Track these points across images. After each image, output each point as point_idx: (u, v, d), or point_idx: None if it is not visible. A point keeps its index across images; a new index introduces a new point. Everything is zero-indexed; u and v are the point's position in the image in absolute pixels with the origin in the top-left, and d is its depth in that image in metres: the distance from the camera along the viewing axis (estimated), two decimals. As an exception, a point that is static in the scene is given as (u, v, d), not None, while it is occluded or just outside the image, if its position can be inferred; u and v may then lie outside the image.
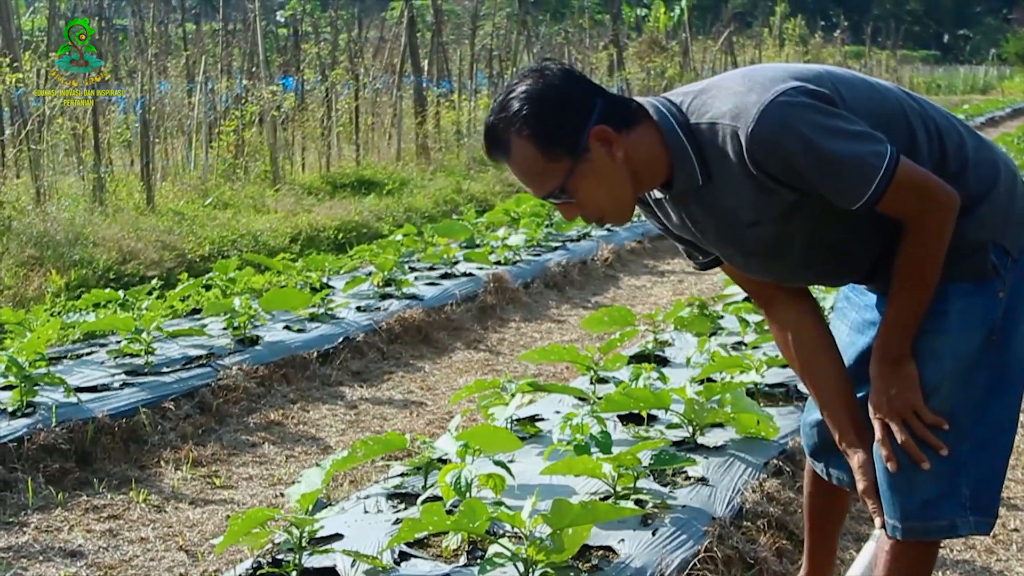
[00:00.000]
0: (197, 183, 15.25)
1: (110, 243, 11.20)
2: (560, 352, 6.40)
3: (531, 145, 2.96)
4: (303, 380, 7.61)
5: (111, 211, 12.57)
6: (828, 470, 3.76)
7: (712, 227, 3.18)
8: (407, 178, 17.71)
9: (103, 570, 4.86)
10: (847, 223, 3.09)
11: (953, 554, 4.87)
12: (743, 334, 7.40)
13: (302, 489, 4.17)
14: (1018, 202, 3.22)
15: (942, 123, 3.17)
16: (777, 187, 2.95)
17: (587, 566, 4.06)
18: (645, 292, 11.41)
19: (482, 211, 15.31)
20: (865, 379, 3.31)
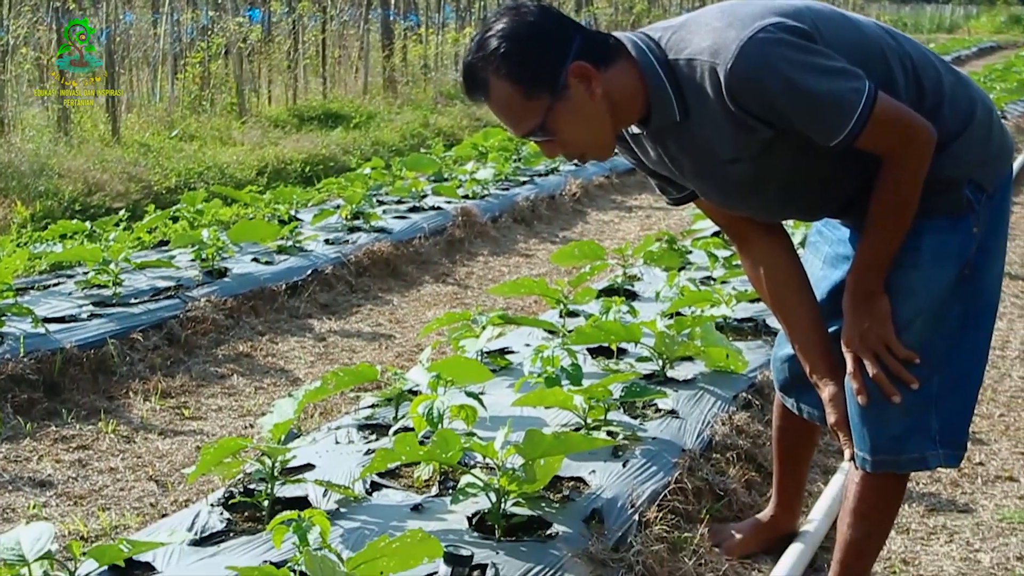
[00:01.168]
0: (163, 115, 15.13)
1: (75, 174, 11.11)
2: (530, 285, 6.41)
3: (510, 84, 2.93)
4: (271, 312, 7.59)
5: (76, 142, 12.47)
6: (799, 404, 3.79)
7: (689, 163, 3.17)
8: (374, 112, 17.62)
9: (73, 500, 4.86)
10: (825, 159, 3.08)
11: (919, 487, 4.91)
12: (712, 269, 7.42)
13: (274, 419, 4.16)
14: (994, 138, 3.22)
15: (919, 59, 3.17)
16: (755, 123, 2.94)
17: (558, 496, 4.07)
18: (613, 227, 11.41)
19: (450, 145, 15.25)
20: (837, 313, 3.33)
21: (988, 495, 4.85)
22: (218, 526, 3.90)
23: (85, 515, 4.68)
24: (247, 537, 3.79)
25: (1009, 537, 4.45)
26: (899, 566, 4.22)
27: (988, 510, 4.70)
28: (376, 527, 3.80)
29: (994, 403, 5.98)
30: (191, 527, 3.86)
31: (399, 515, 3.91)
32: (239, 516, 4.03)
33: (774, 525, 4.27)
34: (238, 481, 4.26)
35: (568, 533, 3.80)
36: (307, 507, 3.89)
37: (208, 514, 4.00)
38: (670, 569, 3.90)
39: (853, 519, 3.39)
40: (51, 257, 7.70)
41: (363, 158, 13.70)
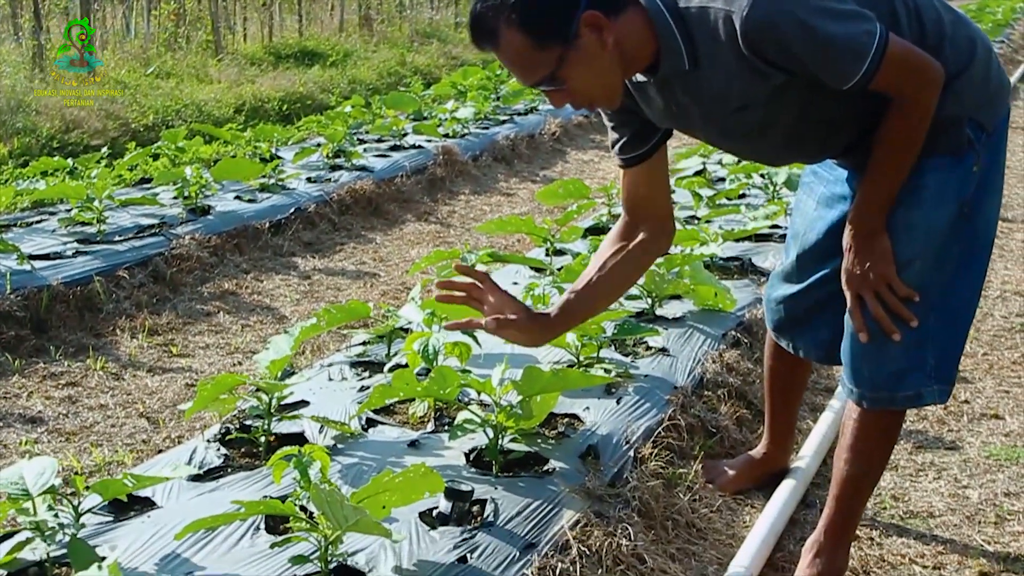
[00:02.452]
0: (138, 52, 15.02)
1: (52, 111, 11.03)
2: (517, 224, 6.41)
3: (521, 34, 2.89)
4: (256, 250, 7.58)
5: (52, 79, 12.37)
6: (794, 344, 3.83)
7: (697, 111, 3.15)
8: (350, 50, 17.53)
9: (64, 436, 4.86)
10: (832, 102, 3.08)
11: (907, 425, 4.95)
12: (696, 208, 7.44)
13: (270, 356, 4.17)
14: (993, 77, 3.23)
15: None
16: (769, 70, 2.93)
17: (553, 433, 4.10)
18: (593, 166, 11.40)
19: (428, 84, 15.21)
20: (832, 253, 3.36)
21: (974, 432, 4.89)
22: (216, 462, 3.92)
23: (78, 451, 4.68)
24: (245, 473, 3.81)
25: (996, 473, 4.49)
26: (889, 502, 4.25)
27: (975, 447, 4.74)
28: (374, 463, 3.82)
29: (977, 342, 6.01)
30: (189, 463, 3.87)
31: (396, 451, 3.93)
32: (236, 452, 4.04)
33: (766, 461, 4.30)
34: (233, 417, 4.27)
35: (565, 469, 3.82)
36: (304, 443, 3.91)
37: (205, 450, 4.01)
38: (665, 505, 3.92)
39: (851, 455, 3.42)
40: (36, 194, 7.67)
41: (341, 96, 13.66)
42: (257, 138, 10.20)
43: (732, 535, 3.99)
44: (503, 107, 12.65)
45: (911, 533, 4.01)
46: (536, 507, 3.56)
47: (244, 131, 10.75)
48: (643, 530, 3.73)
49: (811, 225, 3.56)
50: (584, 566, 3.40)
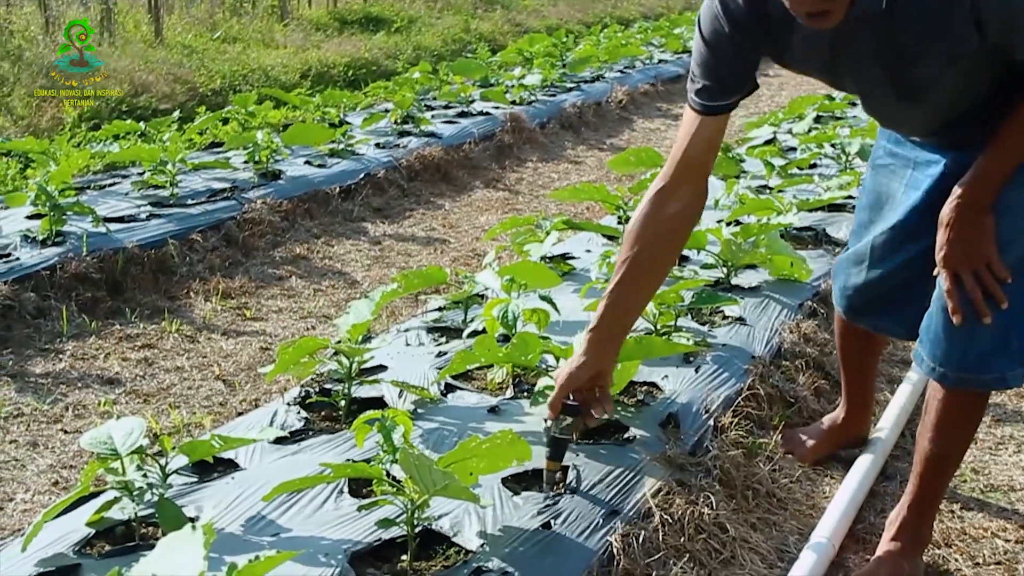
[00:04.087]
0: (204, 17, 15.08)
1: (121, 75, 11.09)
2: (590, 191, 6.38)
3: None
4: (326, 215, 7.60)
5: (120, 43, 12.43)
6: (875, 325, 3.82)
7: (854, 58, 3.05)
8: (415, 16, 17.54)
9: (142, 397, 4.89)
10: (993, 79, 3.02)
11: (985, 397, 4.91)
12: (768, 177, 7.38)
13: (351, 320, 4.17)
14: None
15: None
16: (972, 33, 2.84)
17: (633, 401, 4.09)
18: (659, 135, 11.34)
19: (492, 50, 15.17)
20: (919, 234, 3.32)
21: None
22: (296, 425, 3.93)
23: (156, 412, 4.71)
24: (327, 436, 3.82)
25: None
26: (969, 475, 4.22)
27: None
28: (455, 428, 3.82)
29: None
30: (270, 426, 3.89)
31: (476, 417, 3.93)
32: (316, 416, 4.05)
33: (845, 430, 4.28)
34: (313, 381, 4.28)
35: (645, 437, 3.81)
36: (383, 407, 3.91)
37: (285, 413, 4.02)
38: (746, 474, 3.91)
39: (934, 435, 3.37)
40: (111, 156, 7.71)
41: (407, 63, 13.67)
42: (325, 103, 10.21)
43: (812, 506, 3.98)
44: (569, 75, 12.61)
45: (992, 507, 3.98)
46: (618, 474, 3.55)
47: (312, 96, 10.76)
48: (724, 499, 3.72)
49: (895, 206, 3.50)
50: (667, 534, 3.39)
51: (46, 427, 4.58)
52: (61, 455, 4.34)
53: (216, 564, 2.42)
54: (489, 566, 3.00)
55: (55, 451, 4.37)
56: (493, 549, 3.09)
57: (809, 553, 3.48)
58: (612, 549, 3.21)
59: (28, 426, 4.58)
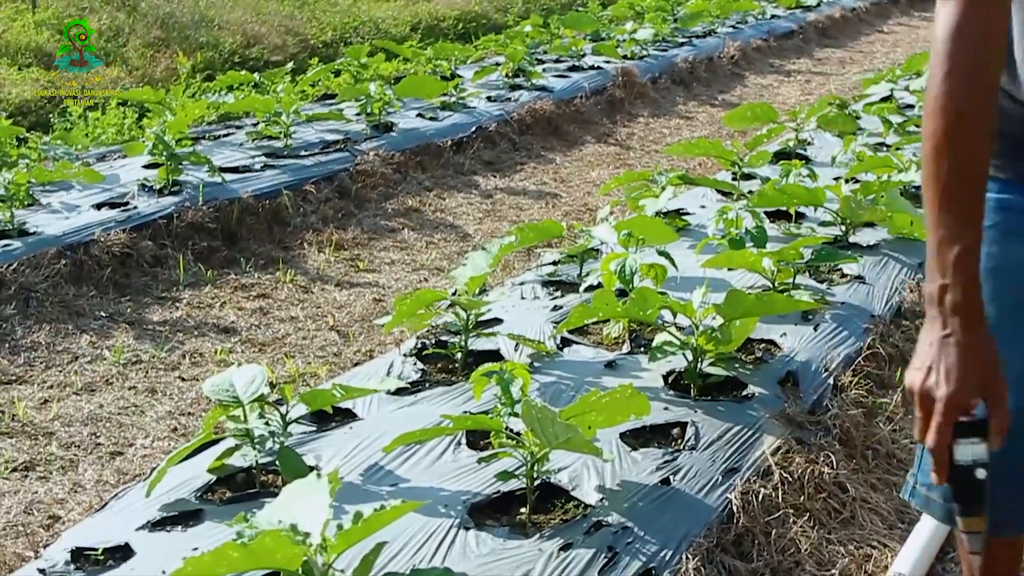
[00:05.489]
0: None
1: (234, 26, 11.17)
2: (706, 147, 6.32)
3: None
4: (438, 168, 7.60)
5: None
6: None
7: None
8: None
9: (257, 347, 4.93)
10: None
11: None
12: (885, 135, 7.27)
13: (468, 272, 4.16)
14: None
15: None
16: None
17: (751, 358, 4.05)
18: (772, 91, 11.21)
19: (604, 5, 15.04)
20: None
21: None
22: (413, 376, 3.94)
23: (271, 362, 4.75)
24: (443, 388, 3.82)
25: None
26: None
27: None
28: (571, 382, 3.81)
29: None
30: (387, 376, 3.90)
31: (593, 371, 3.91)
32: (432, 367, 4.06)
33: None
34: (428, 333, 4.29)
35: (763, 395, 3.78)
36: (499, 360, 3.90)
37: (402, 364, 4.03)
38: (866, 434, 3.86)
39: None
40: (227, 107, 7.76)
41: (517, 16, 13.61)
42: (437, 56, 10.20)
43: (933, 468, 3.91)
44: (681, 29, 12.48)
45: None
46: (736, 432, 3.52)
47: (423, 49, 10.76)
48: (844, 458, 3.68)
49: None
50: (786, 492, 3.36)
51: (164, 374, 4.63)
52: (179, 402, 4.38)
53: (337, 513, 2.42)
54: (608, 520, 2.99)
55: (173, 398, 4.42)
56: (612, 504, 3.08)
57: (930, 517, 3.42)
58: (731, 506, 3.19)
59: (147, 373, 4.63)
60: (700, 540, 3.01)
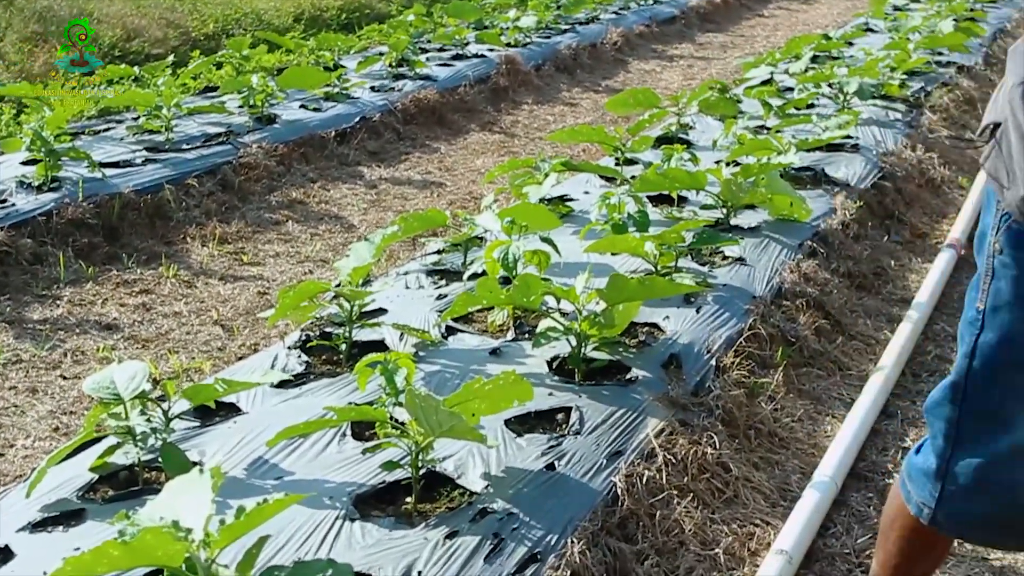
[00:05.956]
0: (196, -40, 14.94)
1: (114, 20, 10.99)
2: (588, 133, 6.36)
3: None
4: (322, 159, 7.56)
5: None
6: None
7: None
8: (408, -43, 17.39)
9: (140, 343, 4.88)
10: None
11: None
12: (765, 118, 7.35)
13: (352, 263, 4.15)
14: None
15: None
16: None
17: (635, 342, 4.08)
18: (655, 76, 11.28)
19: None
20: None
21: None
22: (298, 369, 3.93)
23: (155, 358, 4.70)
24: (328, 379, 3.82)
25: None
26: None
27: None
28: (456, 371, 3.82)
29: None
30: (271, 370, 3.88)
31: (478, 359, 3.93)
32: (316, 359, 4.05)
33: None
34: (313, 325, 4.27)
35: (647, 378, 3.81)
36: (384, 351, 3.91)
37: (286, 357, 4.02)
38: (748, 414, 3.92)
39: None
40: (107, 101, 7.67)
41: (401, 5, 13.55)
42: (320, 47, 10.14)
43: (814, 445, 3.99)
44: (564, 16, 12.50)
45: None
46: (621, 415, 3.55)
47: (306, 40, 10.69)
48: (727, 439, 3.73)
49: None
50: (670, 474, 3.41)
51: (45, 373, 4.57)
52: (61, 401, 4.33)
53: (221, 507, 2.41)
54: (494, 507, 3.00)
55: (55, 397, 4.37)
56: (497, 490, 3.09)
57: (812, 492, 3.49)
58: (616, 489, 3.22)
59: (27, 372, 4.57)
60: (585, 524, 3.03)
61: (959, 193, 6.86)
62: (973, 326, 2.34)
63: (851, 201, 5.90)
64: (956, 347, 2.42)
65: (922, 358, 4.75)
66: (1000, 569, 3.36)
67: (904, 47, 9.39)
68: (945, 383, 2.44)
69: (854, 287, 5.27)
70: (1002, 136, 2.24)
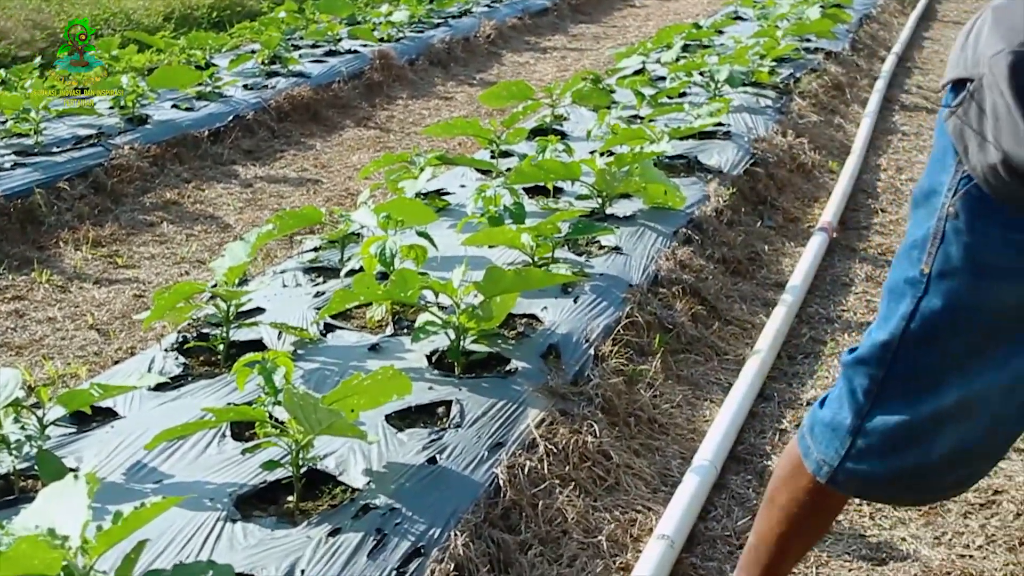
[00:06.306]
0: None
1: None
2: (463, 126, 6.36)
3: None
4: (195, 159, 7.49)
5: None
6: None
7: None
8: (277, -46, 17.28)
9: (14, 350, 4.81)
10: None
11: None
12: (639, 108, 7.40)
13: (227, 263, 4.12)
14: None
15: None
16: None
17: (513, 334, 4.10)
18: (529, 68, 11.32)
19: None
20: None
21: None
22: (175, 371, 3.89)
23: (29, 365, 4.64)
24: (206, 381, 3.79)
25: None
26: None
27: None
28: (336, 368, 3.81)
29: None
30: (148, 372, 3.84)
31: (357, 355, 3.92)
32: (195, 361, 4.02)
33: None
34: (190, 326, 4.24)
35: (527, 369, 3.83)
36: (263, 350, 3.89)
37: (163, 359, 3.98)
38: (628, 401, 3.95)
39: None
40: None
41: (273, 2, 13.47)
42: (191, 46, 10.04)
43: (693, 430, 4.03)
44: (437, 10, 12.50)
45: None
46: (501, 407, 3.57)
47: (177, 39, 10.58)
48: (607, 427, 3.76)
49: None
50: (551, 463, 3.43)
51: (-84, 384, 4.48)
52: (-67, 412, 4.25)
53: (100, 513, 2.38)
54: (376, 503, 3.00)
55: (-73, 408, 4.28)
56: (379, 486, 3.09)
57: (692, 476, 3.53)
58: (499, 481, 3.23)
59: (-103, 384, 4.47)
60: (468, 516, 3.04)
61: (830, 177, 6.97)
62: (915, 288, 2.24)
63: (724, 188, 5.96)
64: (880, 305, 2.33)
65: (797, 340, 4.82)
66: (877, 545, 3.42)
67: (773, 34, 9.52)
68: (875, 341, 2.31)
69: (729, 272, 5.33)
70: (974, 95, 2.11)
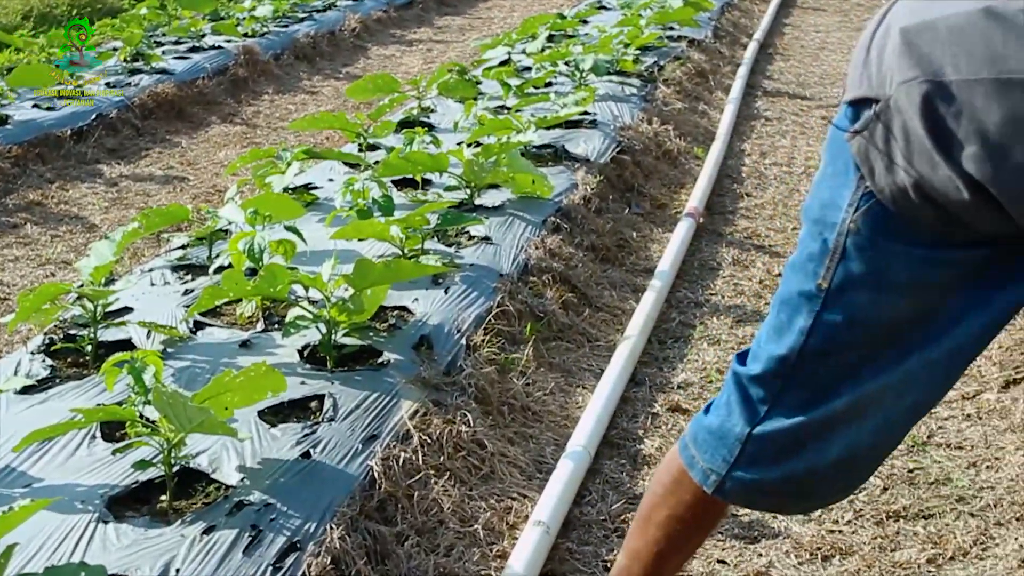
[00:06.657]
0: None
1: None
2: (330, 120, 6.35)
3: None
4: (59, 159, 7.38)
5: None
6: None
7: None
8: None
9: None
10: None
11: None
12: (505, 98, 7.42)
13: (93, 263, 4.07)
14: None
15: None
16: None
17: (385, 326, 4.10)
18: (395, 61, 11.30)
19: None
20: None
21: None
22: (43, 373, 3.83)
23: None
24: (75, 382, 3.74)
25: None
26: (715, 375, 4.38)
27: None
28: (207, 365, 3.79)
29: (786, 217, 6.18)
30: (14, 375, 3.78)
31: (228, 352, 3.90)
32: (62, 363, 3.96)
33: None
34: (56, 328, 4.18)
35: (399, 361, 3.84)
36: (132, 350, 3.85)
37: (30, 362, 3.92)
38: (501, 390, 3.98)
39: None
40: None
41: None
42: (51, 44, 9.87)
43: (567, 416, 4.07)
44: (301, 4, 12.42)
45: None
46: (374, 399, 3.57)
47: (36, 38, 10.40)
48: (481, 416, 3.78)
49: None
50: (426, 454, 3.44)
51: None
52: None
53: (-33, 519, 2.36)
54: (250, 499, 2.99)
55: None
56: (253, 482, 3.08)
57: (566, 462, 3.56)
58: (373, 473, 3.24)
59: None
60: (344, 509, 3.04)
61: (695, 163, 7.06)
62: (812, 302, 2.16)
63: (592, 176, 6.02)
64: (770, 315, 2.24)
65: (667, 325, 4.89)
66: (749, 524, 3.48)
67: (636, 23, 9.61)
68: (772, 354, 2.22)
69: (599, 260, 5.38)
70: (880, 116, 2.02)
